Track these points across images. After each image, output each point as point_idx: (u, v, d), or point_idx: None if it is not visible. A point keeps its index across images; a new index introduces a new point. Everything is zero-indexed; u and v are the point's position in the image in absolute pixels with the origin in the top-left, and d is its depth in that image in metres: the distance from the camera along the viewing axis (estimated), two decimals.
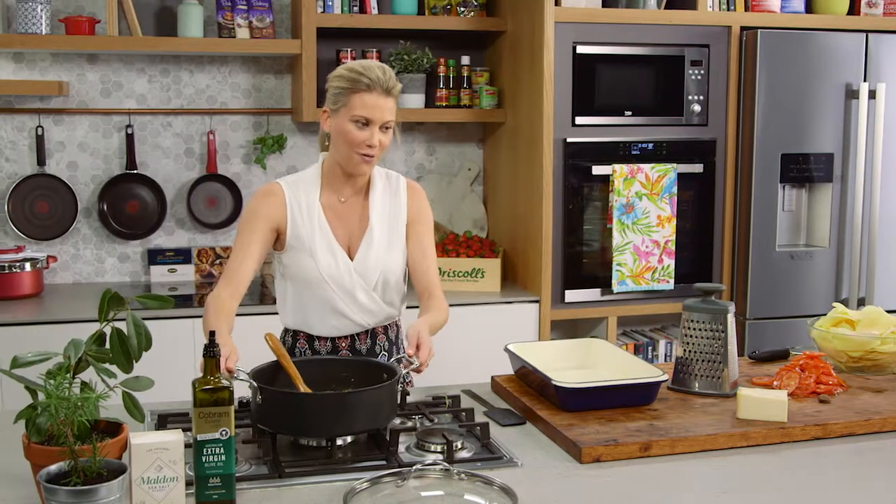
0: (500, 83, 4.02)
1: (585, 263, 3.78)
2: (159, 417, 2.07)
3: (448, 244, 3.88)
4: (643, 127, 3.78)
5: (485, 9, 3.99)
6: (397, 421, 2.04)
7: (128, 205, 3.89)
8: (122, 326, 1.68)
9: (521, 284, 3.88)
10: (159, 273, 3.91)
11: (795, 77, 3.80)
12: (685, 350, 2.29)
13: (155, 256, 3.91)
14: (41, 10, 3.53)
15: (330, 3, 3.75)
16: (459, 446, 1.90)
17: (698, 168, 3.83)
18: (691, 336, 2.29)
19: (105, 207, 3.86)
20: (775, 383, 2.30)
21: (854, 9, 4.02)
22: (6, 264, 3.51)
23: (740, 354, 3.18)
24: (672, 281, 3.80)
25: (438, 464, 1.71)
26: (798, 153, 3.85)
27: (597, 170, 3.71)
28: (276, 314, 2.49)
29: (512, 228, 3.98)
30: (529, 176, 3.76)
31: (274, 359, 2.08)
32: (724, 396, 2.23)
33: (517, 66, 3.84)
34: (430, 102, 3.96)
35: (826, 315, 2.55)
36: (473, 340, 3.46)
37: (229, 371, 1.91)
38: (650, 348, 3.99)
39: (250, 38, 3.75)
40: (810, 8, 4.00)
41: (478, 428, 1.99)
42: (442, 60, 3.94)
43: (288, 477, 1.77)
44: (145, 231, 3.90)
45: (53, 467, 1.55)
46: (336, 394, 1.98)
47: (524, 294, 3.75)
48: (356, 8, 3.79)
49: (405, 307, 2.52)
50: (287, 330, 2.47)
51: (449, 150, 4.23)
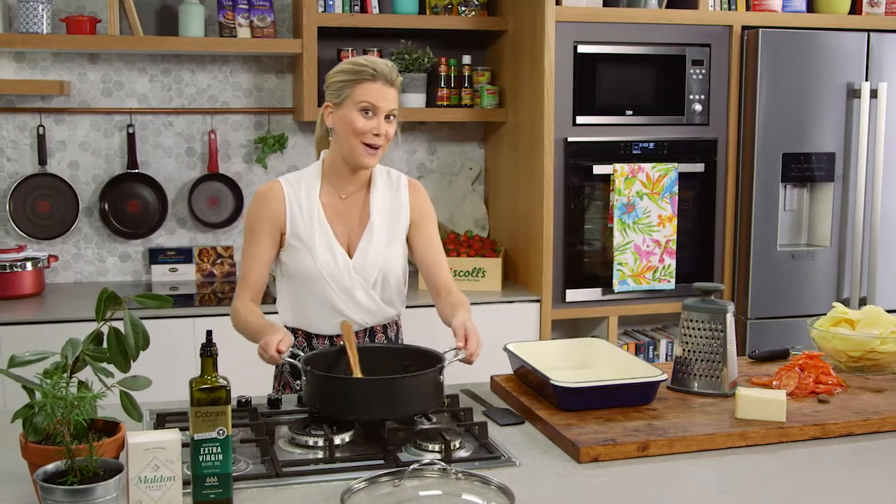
0: (501, 82, 4.01)
1: (586, 263, 3.78)
2: (158, 417, 2.07)
3: (449, 243, 3.87)
4: (644, 126, 3.77)
5: (486, 8, 3.99)
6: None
7: (129, 204, 3.89)
8: (121, 326, 1.69)
9: (522, 284, 3.88)
10: (160, 272, 3.91)
11: (797, 76, 3.79)
12: (684, 350, 2.29)
13: (156, 256, 3.91)
14: (42, 10, 3.54)
15: (331, 3, 3.74)
16: (457, 446, 1.90)
17: (699, 167, 3.83)
18: (690, 336, 2.29)
19: (106, 207, 3.86)
20: (774, 383, 2.30)
21: (856, 8, 4.01)
22: (7, 264, 3.52)
23: (742, 354, 3.18)
24: (673, 280, 3.80)
25: (436, 463, 1.71)
26: (799, 153, 3.84)
27: (598, 169, 3.70)
28: (276, 312, 2.49)
29: (513, 228, 3.97)
30: (530, 175, 3.76)
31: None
32: (724, 396, 2.23)
33: (518, 66, 3.84)
34: (432, 102, 3.96)
35: (826, 315, 2.55)
36: None
37: (279, 352, 2.07)
38: (651, 348, 3.99)
39: (251, 38, 3.75)
40: (812, 7, 3.99)
41: (476, 427, 1.99)
42: (443, 60, 3.94)
43: (285, 476, 1.77)
44: (146, 230, 3.91)
45: (50, 466, 1.55)
46: (374, 379, 2.06)
47: (525, 293, 3.75)
48: (357, 7, 3.79)
49: (405, 307, 2.52)
50: (286, 327, 2.47)
51: (450, 150, 4.23)
